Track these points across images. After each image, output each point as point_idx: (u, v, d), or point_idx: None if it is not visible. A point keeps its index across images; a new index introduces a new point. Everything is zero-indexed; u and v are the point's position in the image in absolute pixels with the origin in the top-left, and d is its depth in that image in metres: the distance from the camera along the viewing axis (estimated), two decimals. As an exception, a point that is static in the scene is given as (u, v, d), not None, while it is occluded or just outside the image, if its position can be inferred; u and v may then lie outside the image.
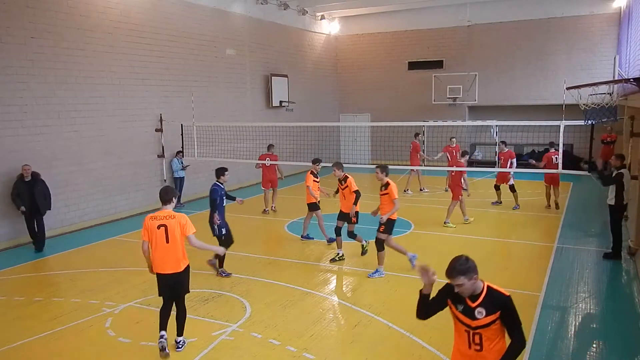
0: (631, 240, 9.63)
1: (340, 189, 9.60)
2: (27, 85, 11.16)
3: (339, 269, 9.35)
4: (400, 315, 6.99)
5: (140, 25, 13.85)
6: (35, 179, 10.60)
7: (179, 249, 5.86)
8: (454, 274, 3.62)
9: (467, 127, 21.56)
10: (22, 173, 10.52)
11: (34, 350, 6.28)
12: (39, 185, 10.64)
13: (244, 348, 6.18)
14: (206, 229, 8.88)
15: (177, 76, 15.18)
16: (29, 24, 11.14)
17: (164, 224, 5.79)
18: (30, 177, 10.56)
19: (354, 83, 24.23)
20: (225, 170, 9.10)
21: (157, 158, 14.60)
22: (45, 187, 10.80)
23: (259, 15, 18.68)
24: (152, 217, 5.89)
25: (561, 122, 10.12)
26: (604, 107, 9.46)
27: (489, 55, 21.35)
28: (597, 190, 14.55)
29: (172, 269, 5.87)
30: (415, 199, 15.50)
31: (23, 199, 10.45)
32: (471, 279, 3.63)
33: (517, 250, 10.15)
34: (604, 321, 7.00)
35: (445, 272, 3.64)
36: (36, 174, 10.68)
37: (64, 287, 8.59)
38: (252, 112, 18.52)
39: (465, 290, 3.65)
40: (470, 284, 3.64)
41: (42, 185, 10.71)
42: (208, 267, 9.06)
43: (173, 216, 5.85)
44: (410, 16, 22.46)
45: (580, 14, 19.78)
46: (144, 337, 6.44)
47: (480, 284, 3.72)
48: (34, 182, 10.57)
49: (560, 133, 10.23)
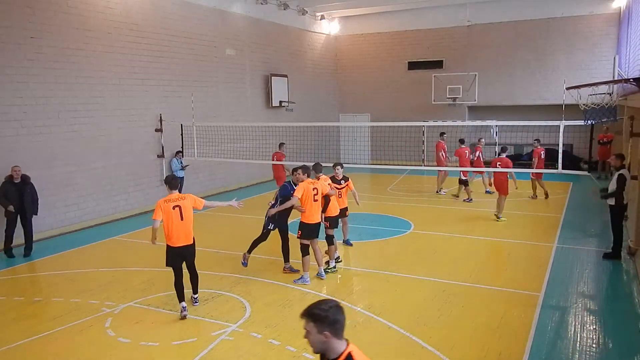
0: (631, 240, 9.63)
1: (338, 188, 9.56)
2: (26, 85, 11.16)
3: (339, 269, 9.35)
4: (400, 315, 7.00)
5: (140, 25, 13.84)
6: (24, 182, 10.24)
7: (190, 225, 7.09)
8: (304, 314, 2.80)
9: (467, 127, 21.55)
10: (11, 174, 10.14)
11: (34, 351, 6.28)
12: (29, 189, 10.29)
13: (243, 348, 6.18)
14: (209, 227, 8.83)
15: (177, 76, 15.18)
16: (29, 23, 11.14)
17: (178, 204, 6.96)
18: (20, 179, 10.18)
19: (354, 83, 24.23)
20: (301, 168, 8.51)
21: (156, 158, 14.59)
22: (35, 191, 10.45)
23: (258, 15, 18.68)
24: (166, 200, 6.98)
25: (561, 122, 10.12)
26: (603, 107, 9.46)
27: (489, 55, 21.35)
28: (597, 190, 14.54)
29: (185, 241, 7.06)
30: (415, 198, 15.49)
31: (11, 200, 10.03)
32: (321, 334, 2.72)
33: (517, 250, 10.15)
34: (604, 321, 6.99)
35: None
36: (26, 176, 10.33)
37: (63, 287, 8.58)
38: (252, 112, 18.51)
39: (312, 343, 2.79)
40: (318, 339, 2.75)
41: (31, 188, 10.35)
42: (208, 267, 9.07)
43: (184, 197, 7.11)
44: (410, 16, 22.46)
45: (580, 14, 19.79)
46: (144, 337, 6.44)
47: (339, 348, 2.76)
48: (23, 184, 10.21)
49: (560, 133, 10.23)
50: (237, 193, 17.00)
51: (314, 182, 8.37)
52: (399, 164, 17.25)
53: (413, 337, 6.36)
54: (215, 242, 10.98)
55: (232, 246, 10.55)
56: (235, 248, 10.39)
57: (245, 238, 11.24)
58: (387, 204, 14.08)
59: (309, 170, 8.47)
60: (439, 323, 6.79)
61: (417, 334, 6.43)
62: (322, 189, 8.37)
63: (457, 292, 7.86)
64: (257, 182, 18.77)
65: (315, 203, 8.28)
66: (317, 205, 8.32)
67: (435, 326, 6.68)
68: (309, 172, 8.45)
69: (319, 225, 8.48)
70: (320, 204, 8.46)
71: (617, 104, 11.03)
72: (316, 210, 8.32)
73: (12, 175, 10.16)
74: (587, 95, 9.92)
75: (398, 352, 6.05)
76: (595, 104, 9.58)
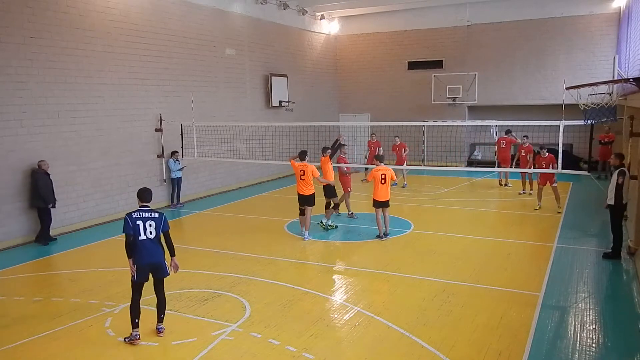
0: (631, 240, 9.64)
1: None
2: (26, 85, 11.15)
3: (339, 269, 9.36)
4: (400, 315, 7.00)
5: (139, 25, 13.84)
6: (46, 172, 11.11)
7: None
8: None
9: (467, 127, 21.57)
10: (42, 168, 10.99)
11: (34, 350, 6.28)
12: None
13: (243, 348, 6.18)
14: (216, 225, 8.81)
15: (177, 76, 15.17)
16: (28, 23, 11.13)
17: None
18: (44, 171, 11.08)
19: (354, 83, 24.23)
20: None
21: (156, 158, 14.59)
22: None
23: (258, 15, 18.68)
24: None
25: (561, 122, 10.13)
26: (603, 107, 9.45)
27: (489, 55, 21.35)
28: (597, 190, 14.55)
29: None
30: (416, 198, 15.49)
31: (47, 191, 10.96)
32: None
33: (517, 250, 10.15)
34: (604, 321, 6.99)
35: None
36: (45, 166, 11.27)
37: (63, 287, 8.59)
38: (251, 112, 18.51)
39: None
40: None
41: None
42: (207, 266, 9.08)
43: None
44: (410, 16, 22.46)
45: (580, 14, 19.79)
46: (144, 337, 6.43)
47: None
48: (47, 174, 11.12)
49: (560, 133, 10.23)
50: (238, 193, 17.01)
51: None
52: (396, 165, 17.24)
53: (413, 337, 6.37)
54: (215, 242, 10.97)
55: (232, 246, 10.55)
56: (235, 248, 10.40)
57: (245, 238, 11.28)
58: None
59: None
60: (439, 323, 6.79)
61: (417, 334, 6.43)
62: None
63: (457, 292, 7.86)
64: (257, 182, 18.77)
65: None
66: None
67: (435, 326, 6.68)
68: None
69: None
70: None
71: (617, 103, 11.03)
72: None
73: (43, 167, 11.05)
74: (586, 95, 9.92)
75: (398, 352, 6.05)
76: (595, 104, 9.58)
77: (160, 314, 6.57)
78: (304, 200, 11.02)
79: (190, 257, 9.82)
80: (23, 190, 11.09)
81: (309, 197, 10.98)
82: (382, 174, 10.58)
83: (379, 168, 10.66)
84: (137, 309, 6.36)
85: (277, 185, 18.47)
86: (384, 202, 10.70)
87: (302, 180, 10.98)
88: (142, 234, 6.28)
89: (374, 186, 10.64)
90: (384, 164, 10.97)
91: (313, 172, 10.92)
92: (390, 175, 10.67)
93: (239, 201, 15.78)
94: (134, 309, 6.35)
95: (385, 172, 10.60)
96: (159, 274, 6.47)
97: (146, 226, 6.30)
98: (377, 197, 10.65)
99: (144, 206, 6.45)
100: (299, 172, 11.02)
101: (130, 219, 6.28)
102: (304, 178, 10.94)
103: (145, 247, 6.30)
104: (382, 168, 10.67)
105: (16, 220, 11.04)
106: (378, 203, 10.71)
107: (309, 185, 10.99)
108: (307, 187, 10.97)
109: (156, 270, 6.43)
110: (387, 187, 10.64)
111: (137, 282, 6.35)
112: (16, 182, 10.99)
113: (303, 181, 10.97)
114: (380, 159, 10.93)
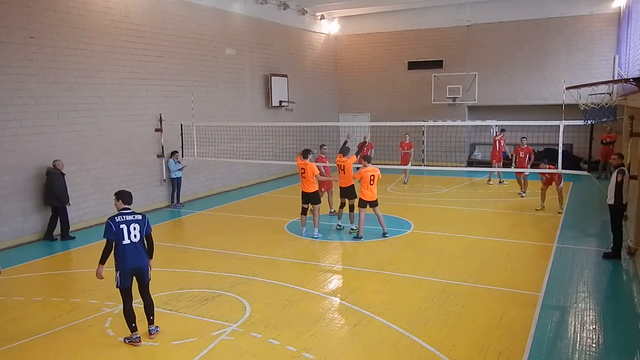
0: (631, 240, 9.64)
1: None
2: (26, 85, 11.15)
3: (339, 269, 9.36)
4: (400, 315, 7.00)
5: (139, 25, 13.84)
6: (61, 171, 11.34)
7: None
8: None
9: (467, 127, 21.56)
10: (57, 167, 11.19)
11: (34, 350, 6.28)
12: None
13: (243, 348, 6.18)
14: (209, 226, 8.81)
15: (177, 76, 15.17)
16: (28, 23, 11.13)
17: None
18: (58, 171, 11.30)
19: (354, 83, 24.22)
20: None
21: (156, 158, 14.58)
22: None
23: (258, 15, 18.67)
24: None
25: (561, 122, 10.13)
26: (603, 107, 9.46)
27: (489, 55, 21.34)
28: (597, 190, 14.56)
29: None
30: (416, 198, 15.49)
31: (62, 191, 11.18)
32: None
33: (517, 250, 10.15)
34: (604, 321, 6.99)
35: None
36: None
37: (63, 287, 8.59)
38: (251, 112, 18.51)
39: None
40: None
41: None
42: (207, 266, 9.07)
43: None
44: (410, 16, 22.45)
45: (580, 13, 19.78)
46: (144, 337, 6.43)
47: None
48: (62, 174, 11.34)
49: (560, 133, 10.23)
50: (238, 193, 17.01)
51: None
52: (399, 164, 17.26)
53: (413, 337, 6.37)
54: (215, 242, 10.98)
55: (232, 246, 10.55)
56: (235, 248, 10.40)
57: (245, 238, 11.28)
58: (387, 203, 14.05)
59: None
60: (439, 323, 6.79)
61: (417, 334, 6.43)
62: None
63: (457, 292, 7.86)
64: (257, 182, 18.77)
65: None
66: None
67: (435, 326, 6.68)
68: None
69: None
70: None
71: (617, 103, 11.03)
72: None
73: (58, 167, 11.25)
74: (587, 95, 9.92)
75: (398, 352, 6.05)
76: (595, 104, 9.58)
77: (149, 316, 6.47)
78: (308, 198, 11.24)
79: (190, 257, 9.83)
80: (23, 190, 11.10)
81: (312, 194, 11.20)
82: (371, 175, 10.77)
83: (368, 169, 10.80)
84: (131, 314, 6.28)
85: (277, 185, 18.47)
86: (372, 201, 10.88)
87: (304, 178, 11.22)
88: (126, 238, 6.15)
89: (362, 186, 10.78)
90: (371, 164, 11.09)
91: (312, 171, 11.06)
92: (378, 176, 10.88)
93: (239, 201, 15.78)
94: (128, 315, 6.26)
95: (374, 173, 10.80)
96: (143, 279, 6.37)
97: (130, 229, 6.19)
98: (365, 197, 10.80)
99: (125, 209, 6.37)
100: (300, 170, 11.27)
101: (113, 224, 6.15)
102: (305, 176, 11.17)
103: (130, 251, 6.17)
104: (371, 169, 10.84)
105: (16, 220, 11.04)
106: (365, 203, 10.85)
107: (311, 183, 11.20)
108: (309, 185, 11.20)
109: (140, 275, 6.33)
110: (375, 188, 10.83)
111: (123, 287, 6.23)
112: (16, 182, 10.99)
113: (304, 179, 11.21)
114: (368, 159, 11.05)
